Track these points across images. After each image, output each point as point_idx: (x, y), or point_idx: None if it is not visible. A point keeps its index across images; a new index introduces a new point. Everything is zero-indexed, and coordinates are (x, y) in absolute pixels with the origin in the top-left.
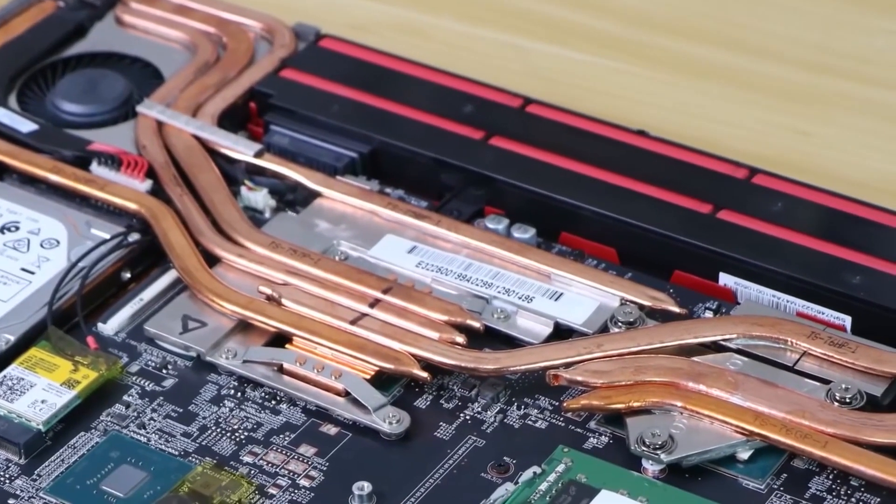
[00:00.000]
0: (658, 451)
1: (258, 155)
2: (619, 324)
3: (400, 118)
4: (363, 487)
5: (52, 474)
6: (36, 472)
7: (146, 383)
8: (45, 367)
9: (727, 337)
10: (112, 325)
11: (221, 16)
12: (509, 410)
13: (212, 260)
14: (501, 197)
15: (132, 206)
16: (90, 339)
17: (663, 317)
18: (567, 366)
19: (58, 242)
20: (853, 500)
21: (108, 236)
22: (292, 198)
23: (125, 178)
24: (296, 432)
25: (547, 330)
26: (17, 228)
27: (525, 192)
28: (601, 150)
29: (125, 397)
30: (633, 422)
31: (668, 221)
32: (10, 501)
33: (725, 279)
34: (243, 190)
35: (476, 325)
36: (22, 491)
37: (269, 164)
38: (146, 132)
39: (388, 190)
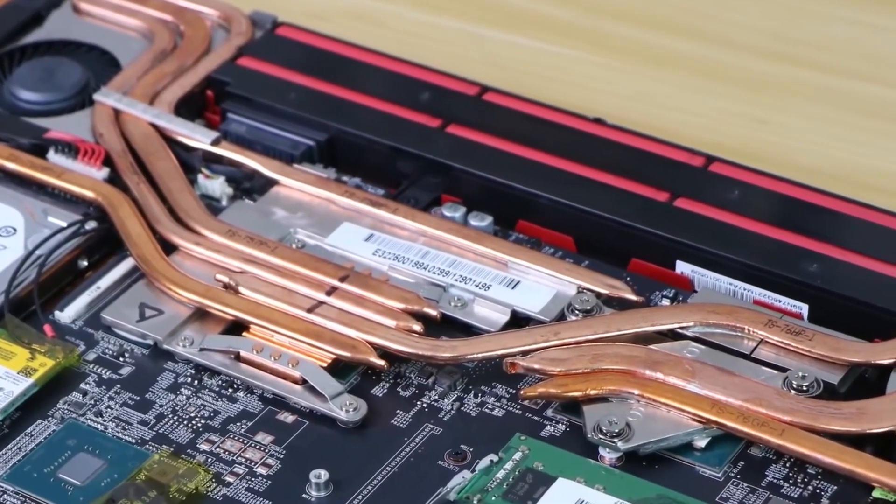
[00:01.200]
0: (615, 439)
1: (215, 143)
2: (576, 312)
3: (357, 106)
4: (320, 475)
5: (9, 462)
6: None
7: (103, 371)
8: (2, 355)
9: (684, 325)
10: (69, 313)
11: (178, 4)
12: (466, 398)
13: (169, 248)
14: (458, 185)
15: (89, 194)
16: (47, 327)
17: (620, 305)
18: (524, 354)
19: (14, 230)
20: (810, 487)
21: (64, 224)
22: (249, 186)
23: (82, 166)
24: (253, 420)
25: (504, 318)
26: None
27: (482, 180)
28: (558, 139)
29: (82, 385)
30: (589, 410)
31: (624, 209)
32: None
33: (682, 267)
34: (200, 178)
35: (433, 312)
36: None
37: (226, 152)
38: (103, 120)
39: (344, 178)
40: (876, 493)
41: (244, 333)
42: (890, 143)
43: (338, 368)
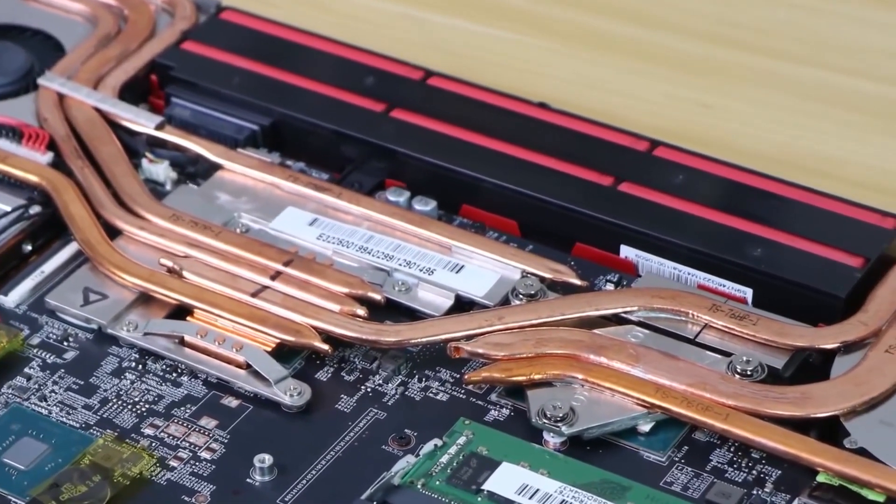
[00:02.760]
0: (559, 424)
1: (159, 127)
2: (520, 296)
3: (301, 90)
4: (264, 460)
5: None
6: None
7: (47, 356)
8: None
9: (628, 309)
10: (13, 298)
11: None
12: (410, 383)
13: (113, 232)
14: (402, 169)
15: (33, 178)
16: None
17: (564, 289)
18: (468, 338)
19: None
20: (754, 472)
21: (8, 209)
22: (193, 170)
23: (26, 150)
24: (197, 405)
25: (448, 302)
26: None
27: (426, 165)
28: (502, 123)
29: (26, 370)
30: (534, 394)
31: (569, 194)
32: None
33: (626, 251)
34: (144, 162)
35: (377, 297)
36: None
37: (171, 136)
38: (47, 104)
39: (288, 162)
40: (820, 478)
41: (188, 318)
42: (832, 127)
43: (282, 353)
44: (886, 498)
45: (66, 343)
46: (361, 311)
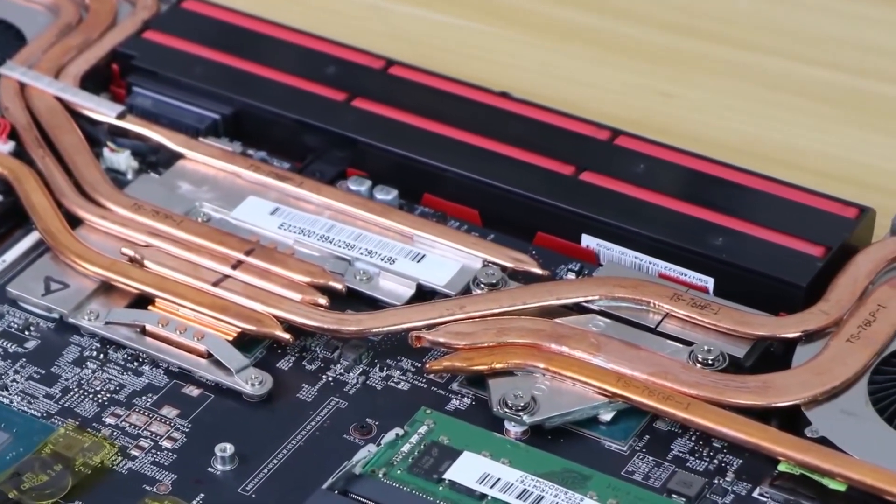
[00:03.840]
0: (520, 413)
1: (120, 116)
2: (482, 285)
3: (262, 80)
4: (225, 449)
5: None
6: None
7: (8, 345)
8: None
9: (589, 298)
10: None
11: None
12: (372, 372)
13: (74, 221)
14: (364, 158)
15: None
16: None
17: (526, 278)
18: (429, 327)
19: None
20: (715, 461)
21: None
22: (155, 159)
23: None
24: (158, 394)
25: (409, 291)
26: None
27: (387, 154)
28: (464, 112)
29: None
30: (495, 383)
31: (530, 183)
32: None
33: (588, 241)
34: (106, 151)
35: (338, 286)
36: None
37: (132, 125)
38: (8, 94)
39: (250, 151)
40: (781, 467)
41: (150, 307)
42: (794, 117)
43: (243, 342)
44: (847, 487)
45: (27, 332)
46: (323, 301)
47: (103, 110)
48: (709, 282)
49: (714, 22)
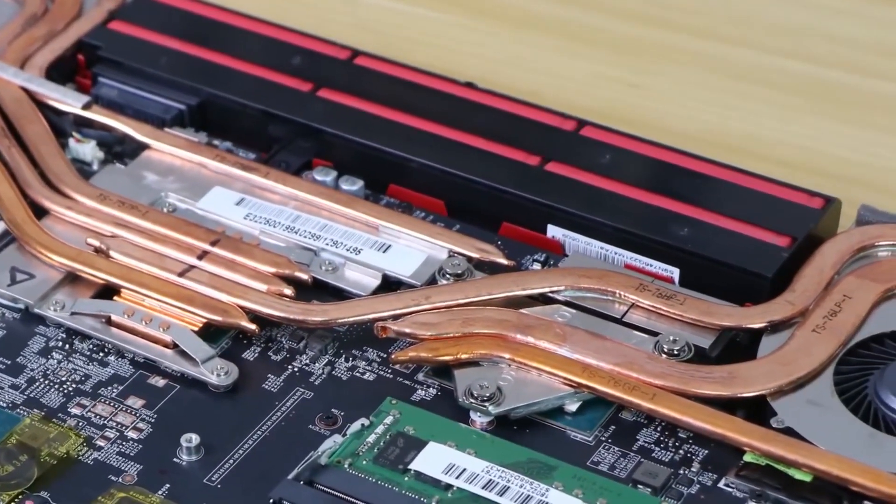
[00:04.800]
0: (486, 404)
1: (86, 107)
2: (447, 276)
3: (228, 70)
4: (191, 439)
5: None
6: None
7: None
8: None
9: (555, 289)
10: None
11: None
12: (337, 362)
13: (40, 212)
14: (329, 149)
15: None
16: None
17: (491, 269)
18: (395, 318)
19: None
20: (681, 451)
21: None
22: (120, 150)
23: None
24: (124, 384)
25: (375, 282)
26: None
27: (353, 145)
28: (429, 103)
29: None
30: (460, 374)
31: (496, 173)
32: None
33: (553, 231)
34: (71, 142)
35: (304, 277)
36: None
37: (98, 116)
38: None
39: (216, 142)
40: (747, 458)
41: (115, 297)
42: (760, 107)
43: (209, 332)
44: (813, 477)
45: None
46: (288, 291)
47: (69, 101)
48: (674, 272)
49: (679, 12)
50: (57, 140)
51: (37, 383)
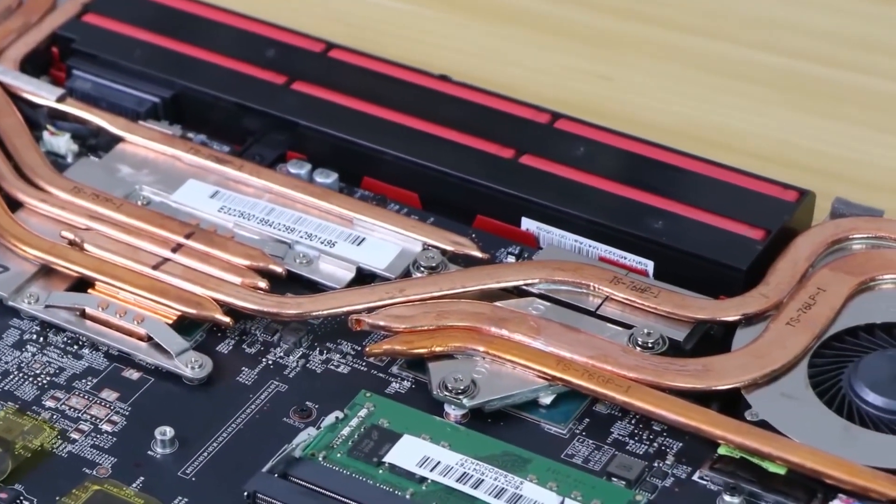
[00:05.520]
0: (460, 396)
1: (60, 100)
2: (422, 268)
3: (202, 63)
4: (165, 432)
5: None
6: None
7: None
8: None
9: (529, 282)
10: None
11: None
12: (312, 355)
13: (14, 205)
14: (304, 142)
15: None
16: None
17: (466, 262)
18: (369, 311)
19: None
20: (655, 444)
21: None
22: (95, 143)
23: None
24: (98, 377)
25: (349, 275)
26: None
27: (327, 137)
28: (403, 95)
29: None
30: (435, 367)
31: (470, 166)
32: None
33: (528, 224)
34: (45, 135)
35: (278, 269)
36: None
37: (72, 108)
38: None
39: (190, 135)
40: (721, 450)
41: (89, 290)
42: (733, 100)
43: (183, 325)
44: (787, 470)
45: None
46: (262, 284)
47: (43, 93)
48: (649, 265)
49: (653, 5)
50: (31, 133)
51: (11, 376)
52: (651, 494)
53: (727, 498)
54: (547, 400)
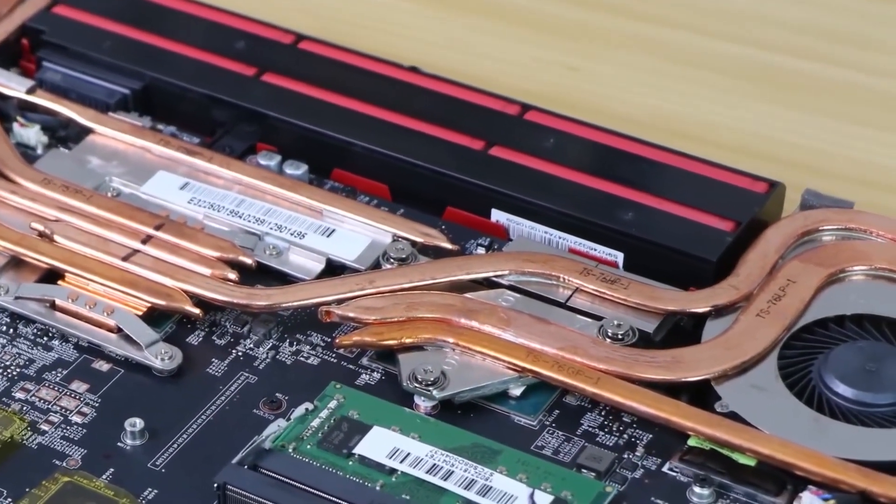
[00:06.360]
0: (430, 388)
1: (30, 91)
2: (392, 260)
3: (172, 54)
4: (135, 424)
5: None
6: None
7: None
8: None
9: (499, 273)
10: None
11: None
12: (281, 347)
13: None
14: (273, 133)
15: None
16: None
17: (435, 253)
18: (339, 302)
19: None
20: (625, 436)
21: None
22: (65, 134)
23: None
24: (68, 368)
25: (319, 266)
26: None
27: (297, 129)
28: (373, 87)
29: None
30: (405, 358)
31: (440, 158)
32: None
33: (498, 215)
34: (15, 126)
35: (248, 261)
36: None
37: (42, 100)
38: None
39: (160, 126)
40: (691, 442)
41: (59, 282)
42: (703, 91)
43: (153, 317)
44: (757, 462)
45: None
46: (232, 275)
47: (13, 85)
48: (619, 256)
49: None
50: (1, 124)
51: None
52: (621, 486)
53: (697, 489)
54: (517, 391)
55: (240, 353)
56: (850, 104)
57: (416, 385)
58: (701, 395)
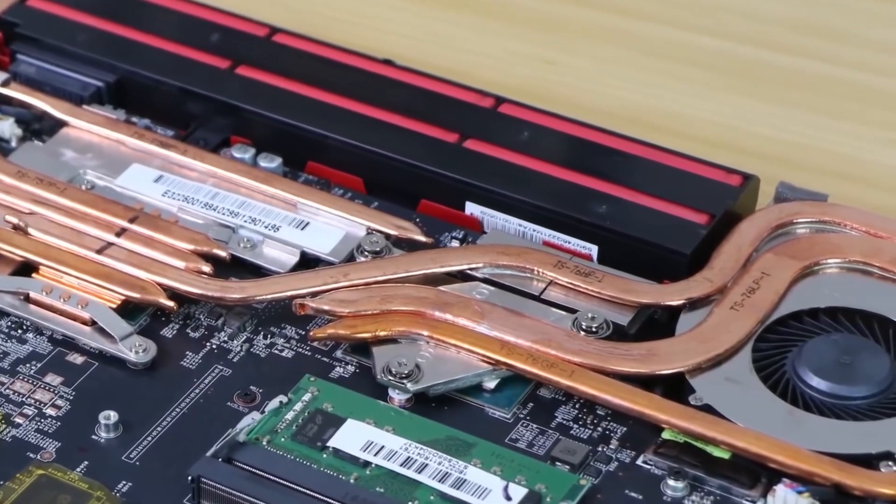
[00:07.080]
0: (404, 381)
1: (4, 84)
2: (366, 253)
3: (146, 47)
4: (109, 416)
5: None
6: None
7: None
8: None
9: (473, 266)
10: None
11: None
12: (256, 339)
13: None
14: (248, 126)
15: None
16: None
17: (410, 246)
18: (313, 295)
19: None
20: (599, 428)
21: None
22: (39, 127)
23: None
24: (42, 361)
25: (293, 259)
26: None
27: (271, 122)
28: (348, 80)
29: None
30: (379, 351)
31: (414, 151)
32: None
33: (472, 208)
34: None
35: (222, 254)
36: None
37: (16, 93)
38: None
39: (134, 119)
40: (665, 435)
41: (34, 275)
42: (677, 84)
43: (127, 310)
44: (731, 454)
45: None
46: (206, 268)
47: None
48: (593, 249)
49: None
50: None
51: None
52: (595, 479)
53: (671, 482)
54: (491, 384)
55: (214, 346)
56: (825, 97)
57: (391, 378)
58: (675, 388)
